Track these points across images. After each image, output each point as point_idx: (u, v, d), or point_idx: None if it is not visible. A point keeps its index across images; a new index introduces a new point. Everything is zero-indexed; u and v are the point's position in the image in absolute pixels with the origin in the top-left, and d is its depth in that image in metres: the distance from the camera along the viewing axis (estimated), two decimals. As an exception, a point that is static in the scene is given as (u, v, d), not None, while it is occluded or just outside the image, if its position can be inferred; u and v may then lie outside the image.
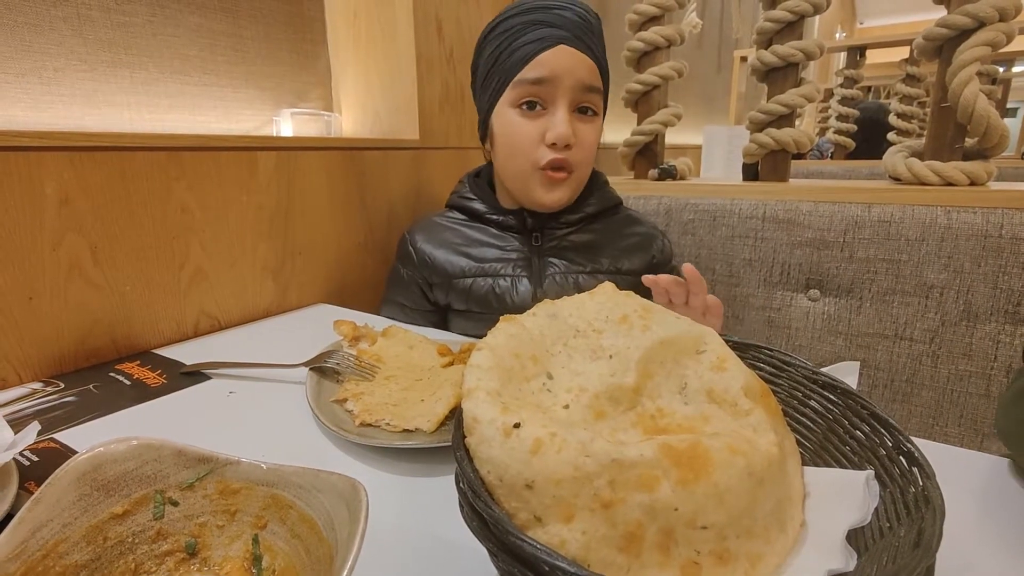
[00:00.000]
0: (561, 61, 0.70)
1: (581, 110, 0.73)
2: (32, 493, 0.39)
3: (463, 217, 0.84)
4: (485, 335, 0.32)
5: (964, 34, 0.80)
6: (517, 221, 0.80)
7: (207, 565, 0.29)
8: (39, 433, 0.39)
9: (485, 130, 0.79)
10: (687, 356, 0.32)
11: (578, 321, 0.35)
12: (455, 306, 0.81)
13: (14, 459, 0.38)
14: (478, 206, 0.82)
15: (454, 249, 0.80)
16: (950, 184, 0.83)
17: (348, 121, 1.11)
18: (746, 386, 0.30)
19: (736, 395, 0.30)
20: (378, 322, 0.69)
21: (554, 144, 0.72)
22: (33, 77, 0.68)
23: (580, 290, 0.75)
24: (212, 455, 0.30)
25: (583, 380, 0.31)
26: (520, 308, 0.77)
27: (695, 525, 0.23)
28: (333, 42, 1.06)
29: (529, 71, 0.71)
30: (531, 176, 0.75)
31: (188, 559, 0.29)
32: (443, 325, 0.85)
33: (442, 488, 0.42)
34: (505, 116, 0.75)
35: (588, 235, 0.81)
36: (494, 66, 0.75)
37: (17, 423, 0.49)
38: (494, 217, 0.81)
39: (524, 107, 0.73)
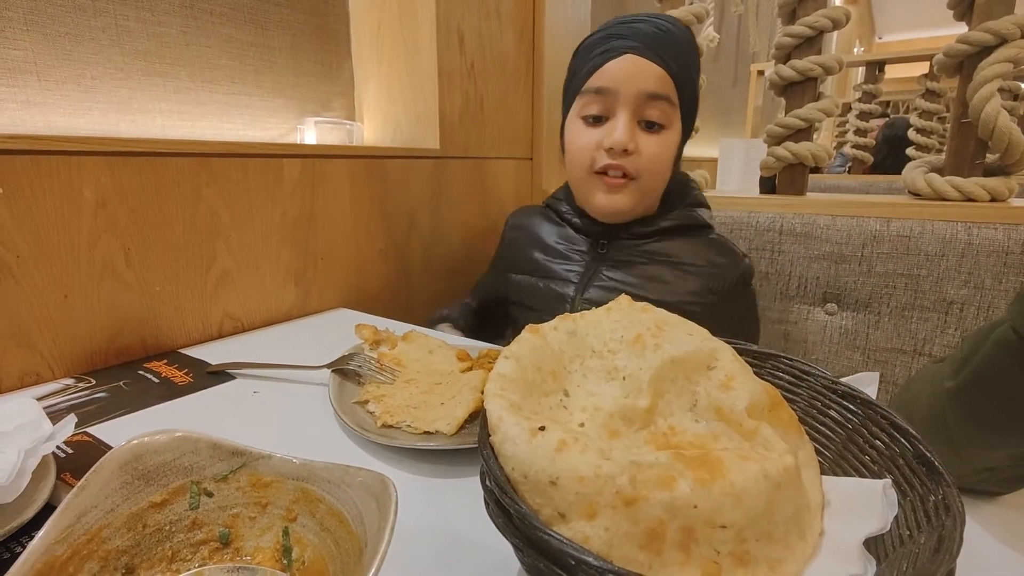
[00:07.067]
0: (624, 69, 0.71)
1: (648, 124, 0.73)
2: (68, 484, 0.40)
3: (551, 212, 0.89)
4: (506, 339, 0.33)
5: (985, 50, 0.80)
6: (586, 224, 0.82)
7: (239, 555, 0.30)
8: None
9: (562, 143, 0.82)
10: (698, 373, 0.33)
11: (594, 341, 0.35)
12: (512, 298, 0.86)
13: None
14: (562, 206, 0.86)
15: (529, 238, 0.87)
16: (971, 200, 0.83)
17: (370, 130, 1.14)
18: (751, 405, 0.30)
19: (740, 415, 0.30)
20: (398, 327, 0.70)
21: (611, 149, 0.72)
22: (72, 85, 0.70)
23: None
24: (245, 449, 0.31)
25: (597, 400, 0.32)
26: (561, 308, 0.78)
27: (714, 524, 0.24)
28: (357, 53, 1.08)
29: (593, 81, 0.73)
30: (588, 180, 0.77)
31: (221, 548, 0.30)
32: (489, 316, 0.90)
33: (462, 489, 0.42)
34: (572, 126, 0.78)
35: (657, 250, 0.77)
36: (569, 82, 0.79)
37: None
38: (570, 218, 0.84)
39: (589, 119, 0.75)
